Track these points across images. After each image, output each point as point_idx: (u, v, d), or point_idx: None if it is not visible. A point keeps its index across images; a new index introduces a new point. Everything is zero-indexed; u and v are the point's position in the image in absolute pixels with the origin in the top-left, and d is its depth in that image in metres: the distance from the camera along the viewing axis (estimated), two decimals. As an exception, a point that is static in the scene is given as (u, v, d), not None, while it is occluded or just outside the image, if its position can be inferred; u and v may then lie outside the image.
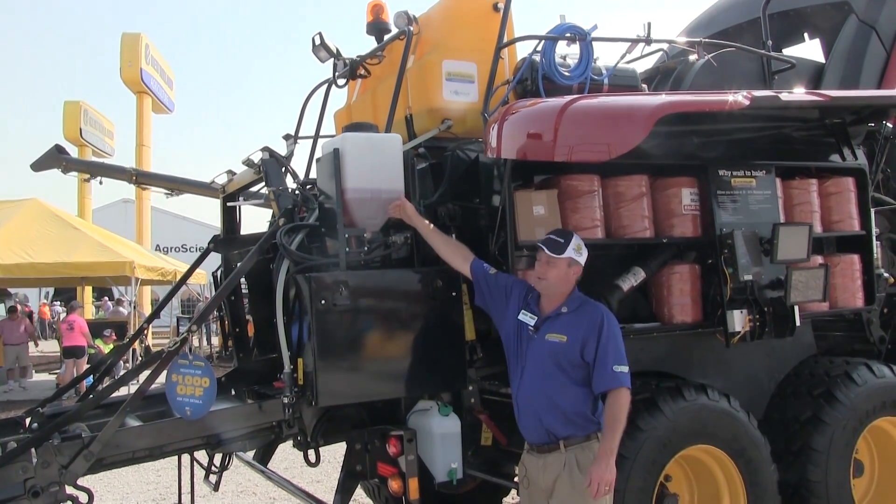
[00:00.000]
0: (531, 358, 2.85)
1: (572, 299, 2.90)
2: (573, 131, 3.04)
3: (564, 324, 2.83)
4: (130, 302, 12.74)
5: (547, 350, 2.80)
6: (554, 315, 2.86)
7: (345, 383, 3.11)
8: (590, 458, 2.74)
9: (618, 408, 2.71)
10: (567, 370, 2.78)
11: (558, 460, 2.78)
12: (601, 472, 2.62)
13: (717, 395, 3.48)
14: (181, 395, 3.11)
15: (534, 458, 2.86)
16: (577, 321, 2.82)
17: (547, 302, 2.92)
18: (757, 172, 3.83)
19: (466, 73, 3.77)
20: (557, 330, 2.82)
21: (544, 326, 2.86)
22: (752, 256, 3.59)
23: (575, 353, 2.78)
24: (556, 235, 2.91)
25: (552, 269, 2.85)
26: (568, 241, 2.87)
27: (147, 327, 5.52)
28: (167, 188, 6.90)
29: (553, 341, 2.81)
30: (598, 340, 2.78)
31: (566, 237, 2.90)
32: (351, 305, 3.06)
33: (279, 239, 3.21)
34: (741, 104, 3.17)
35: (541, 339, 2.84)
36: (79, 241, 11.69)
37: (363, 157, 3.19)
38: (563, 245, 2.85)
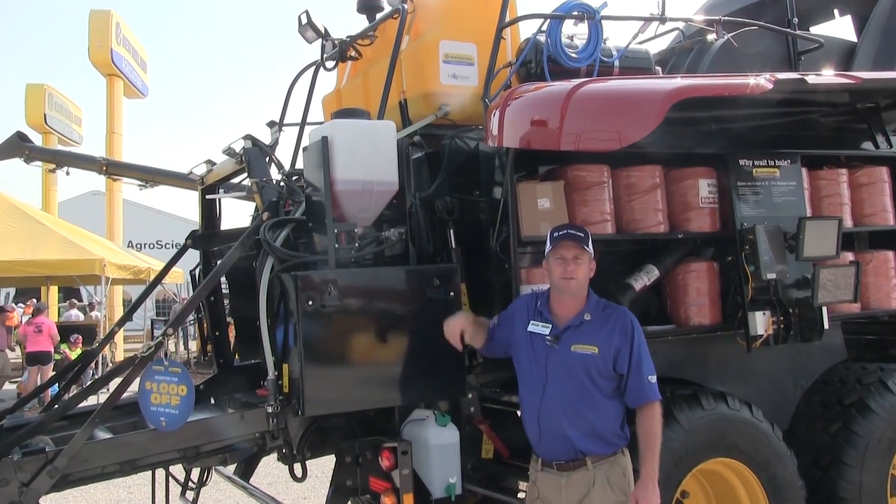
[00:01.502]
0: (554, 371, 2.80)
1: (592, 303, 2.87)
2: (581, 118, 3.07)
3: (591, 332, 2.79)
4: (100, 303, 12.75)
5: (575, 363, 2.77)
6: (576, 323, 2.82)
7: (334, 391, 3.13)
8: (619, 475, 2.76)
9: (655, 423, 2.72)
10: (598, 383, 2.76)
11: (584, 479, 2.76)
12: (648, 496, 2.62)
13: (738, 403, 3.50)
14: (156, 404, 3.11)
15: (552, 476, 2.82)
16: (606, 329, 2.79)
17: (563, 307, 2.87)
18: (781, 162, 3.86)
19: (465, 55, 3.80)
20: (584, 340, 2.78)
21: (566, 336, 2.81)
22: (775, 253, 3.62)
23: (607, 365, 2.75)
24: (572, 229, 2.87)
25: (581, 267, 2.81)
26: (587, 234, 2.86)
27: (118, 331, 5.53)
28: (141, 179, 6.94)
29: (582, 353, 2.77)
30: (632, 349, 2.76)
31: (582, 229, 2.88)
32: (340, 306, 3.08)
33: (263, 234, 3.22)
34: (764, 88, 3.20)
35: (565, 350, 2.79)
36: (43, 236, 11.70)
37: (354, 145, 3.21)
38: (584, 238, 2.83)
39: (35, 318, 12.12)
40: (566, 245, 2.81)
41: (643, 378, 2.75)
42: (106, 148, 18.04)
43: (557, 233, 2.86)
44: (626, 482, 2.79)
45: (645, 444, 2.71)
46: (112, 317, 14.41)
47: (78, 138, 20.28)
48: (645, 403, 2.76)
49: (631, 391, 2.76)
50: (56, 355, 12.06)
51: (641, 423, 2.75)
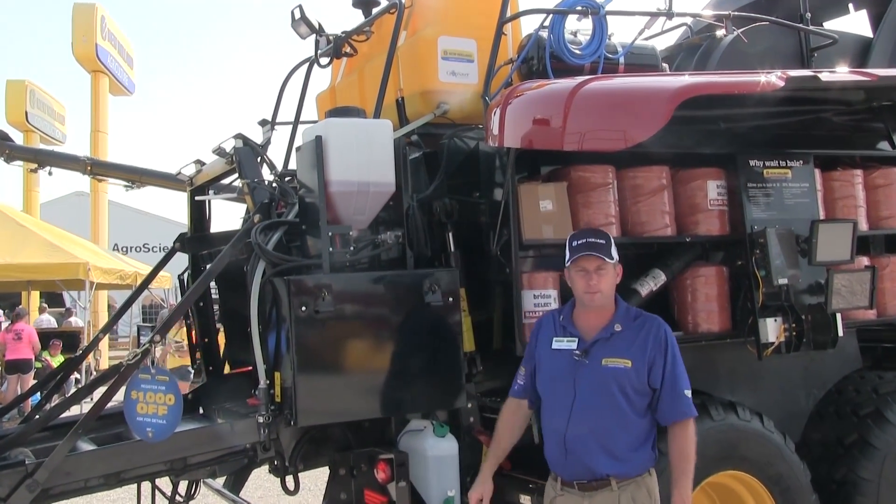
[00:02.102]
0: (583, 388, 2.72)
1: (622, 312, 2.80)
2: (585, 117, 3.09)
3: (623, 344, 2.72)
4: (84, 308, 12.76)
5: (608, 378, 2.69)
6: (605, 335, 2.75)
7: (328, 400, 3.14)
8: (645, 496, 2.71)
9: (689, 442, 2.67)
10: (632, 399, 2.70)
11: (609, 499, 2.71)
12: None
13: (749, 413, 3.52)
14: (142, 414, 3.13)
15: (572, 496, 2.76)
16: (638, 340, 2.73)
17: (590, 319, 2.81)
18: (793, 162, 3.88)
19: (465, 52, 3.82)
20: (616, 353, 2.71)
21: (595, 350, 2.73)
22: (787, 257, 3.64)
23: (642, 379, 2.69)
24: (591, 237, 2.79)
25: (605, 278, 2.75)
26: (608, 239, 2.79)
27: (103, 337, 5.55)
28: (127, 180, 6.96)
29: (615, 367, 2.69)
30: (665, 361, 2.70)
31: (603, 235, 2.81)
32: (335, 312, 3.09)
33: (254, 237, 3.24)
34: (775, 85, 3.22)
35: (595, 365, 2.71)
36: (25, 239, 11.71)
37: (349, 145, 3.23)
38: (606, 246, 2.76)
39: (14, 324, 12.08)
40: (587, 257, 2.75)
41: (678, 392, 2.69)
42: (90, 147, 18.07)
43: (576, 242, 2.78)
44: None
45: (678, 466, 2.65)
46: (96, 323, 14.43)
47: (61, 137, 20.31)
48: (680, 420, 2.70)
49: (664, 407, 2.69)
50: (37, 363, 12.05)
51: (675, 442, 2.69)
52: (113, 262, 13.10)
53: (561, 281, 3.51)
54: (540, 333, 2.91)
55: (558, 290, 3.47)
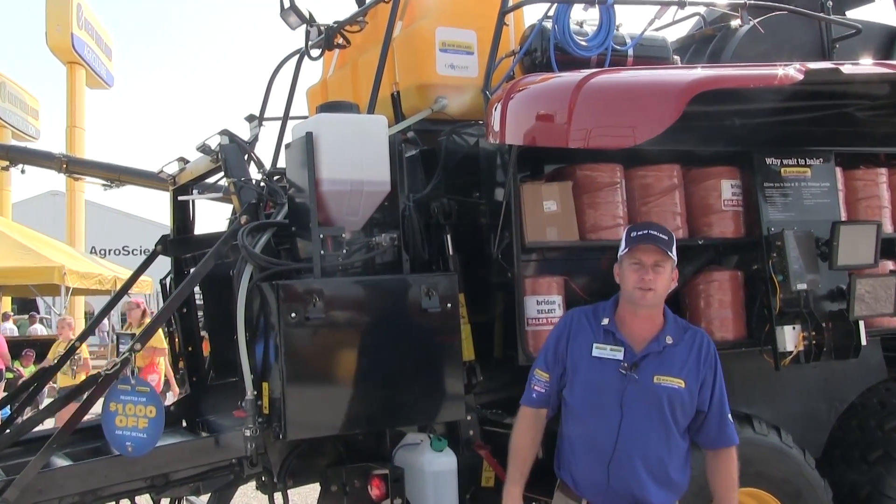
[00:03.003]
0: (633, 408, 2.57)
1: (671, 323, 2.68)
2: (591, 112, 3.12)
3: (675, 360, 2.60)
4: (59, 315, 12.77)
5: (661, 398, 2.57)
6: (657, 348, 2.60)
7: (319, 412, 3.16)
8: None
9: (735, 470, 2.64)
10: (679, 422, 2.61)
11: None
12: None
13: (765, 427, 3.55)
14: (121, 427, 3.14)
15: None
16: (690, 356, 2.62)
17: (638, 326, 2.65)
18: (813, 160, 3.91)
19: (464, 43, 3.85)
20: (669, 370, 2.59)
21: (646, 364, 2.59)
22: (806, 261, 3.66)
23: (693, 401, 2.60)
24: (654, 230, 2.63)
25: (661, 276, 2.60)
26: (671, 236, 2.65)
27: (79, 346, 5.57)
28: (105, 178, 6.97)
29: (669, 387, 2.57)
30: (715, 382, 2.64)
31: (667, 231, 2.67)
32: (326, 319, 3.12)
33: (241, 240, 3.26)
34: (794, 78, 3.25)
35: (647, 382, 2.57)
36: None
37: (341, 142, 3.26)
38: (669, 242, 2.61)
39: (-19, 332, 12.09)
40: (645, 249, 2.59)
41: (725, 417, 2.64)
42: (66, 143, 18.10)
43: (636, 233, 2.63)
44: None
45: (725, 495, 2.63)
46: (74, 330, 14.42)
47: (35, 132, 20.35)
48: (727, 447, 2.67)
49: (711, 432, 2.63)
50: (8, 374, 12.06)
51: (722, 469, 2.65)
52: (90, 266, 13.13)
53: (566, 286, 3.54)
54: (573, 334, 2.72)
55: (563, 296, 3.49)
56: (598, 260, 3.87)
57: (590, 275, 3.81)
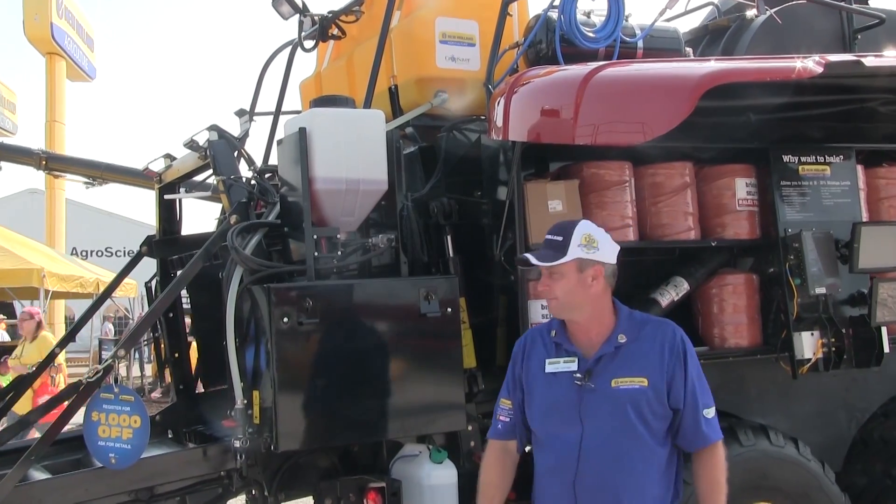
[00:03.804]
0: (593, 420, 2.47)
1: (624, 319, 2.56)
2: (599, 107, 3.14)
3: (632, 358, 2.49)
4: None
5: (622, 402, 2.45)
6: (610, 349, 2.50)
7: (312, 423, 3.17)
8: None
9: (720, 470, 2.51)
10: (652, 426, 2.47)
11: None
12: None
13: (782, 439, 3.57)
14: (104, 438, 3.15)
15: None
16: (653, 351, 2.50)
17: (584, 332, 2.56)
18: (832, 158, 3.93)
19: (466, 34, 3.87)
20: (627, 370, 2.47)
21: (601, 369, 2.49)
22: (825, 264, 3.68)
23: (662, 400, 2.46)
24: (552, 234, 2.58)
25: (558, 282, 2.51)
26: (568, 235, 2.51)
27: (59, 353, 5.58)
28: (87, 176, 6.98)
29: (629, 388, 2.45)
30: (686, 375, 2.48)
31: (565, 231, 2.54)
32: (320, 324, 3.13)
33: (230, 240, 3.26)
34: (813, 72, 3.26)
35: (604, 387, 2.47)
36: (-28, 242, 11.75)
37: (336, 138, 3.27)
38: (561, 244, 2.50)
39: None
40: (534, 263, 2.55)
41: (700, 413, 2.49)
42: (45, 139, 18.09)
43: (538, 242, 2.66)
44: None
45: (709, 498, 2.50)
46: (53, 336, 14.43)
47: (12, 127, 20.33)
48: (706, 446, 2.51)
49: (687, 431, 2.49)
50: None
51: (702, 471, 2.53)
52: (71, 268, 13.14)
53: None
54: (527, 355, 2.65)
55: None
56: (605, 262, 3.89)
57: (597, 278, 3.83)
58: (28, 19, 17.77)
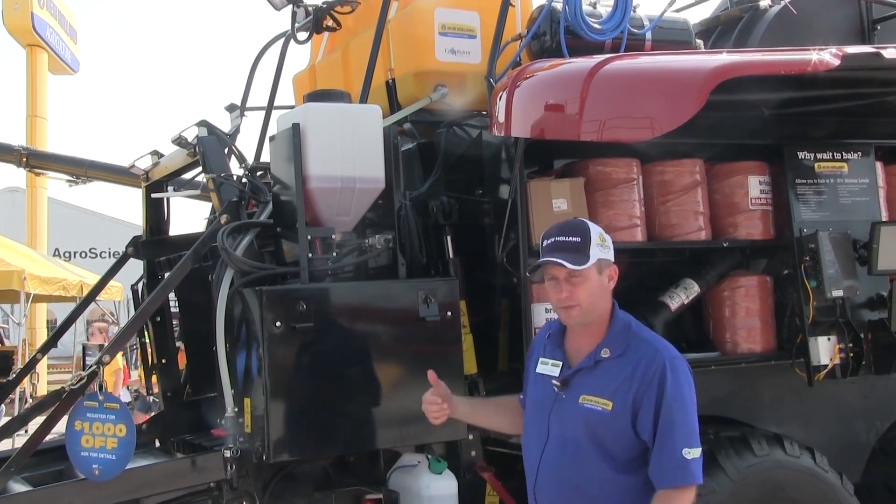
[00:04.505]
0: (556, 426, 2.46)
1: (616, 332, 2.46)
2: (605, 102, 3.15)
3: (607, 377, 2.39)
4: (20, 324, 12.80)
5: (582, 419, 2.39)
6: (590, 363, 2.43)
7: (306, 431, 3.19)
8: None
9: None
10: (609, 449, 2.37)
11: None
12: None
13: (798, 448, 3.57)
14: (87, 448, 3.16)
15: None
16: (625, 373, 2.37)
17: (576, 338, 2.52)
18: (850, 154, 3.95)
19: (466, 26, 3.88)
20: (596, 388, 2.39)
21: (576, 381, 2.44)
22: (842, 266, 3.70)
23: (624, 428, 2.34)
24: (563, 235, 2.46)
25: (581, 287, 2.40)
26: (586, 235, 2.44)
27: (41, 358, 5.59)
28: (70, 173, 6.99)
29: (591, 408, 2.38)
30: (658, 405, 2.31)
31: (579, 231, 2.46)
32: (314, 328, 3.14)
33: (221, 241, 3.28)
34: (830, 64, 3.27)
35: (572, 400, 2.42)
36: (-51, 243, 11.76)
37: (331, 134, 3.29)
38: (581, 245, 2.42)
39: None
40: (555, 265, 2.42)
41: (675, 451, 2.29)
42: (26, 135, 18.11)
43: (546, 241, 2.49)
44: None
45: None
46: (33, 342, 14.45)
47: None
48: (669, 488, 2.31)
49: (654, 466, 2.32)
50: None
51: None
52: (53, 270, 13.13)
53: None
54: (533, 352, 2.68)
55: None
56: (612, 264, 3.90)
57: (604, 280, 3.83)
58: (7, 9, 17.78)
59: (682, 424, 2.32)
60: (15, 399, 11.52)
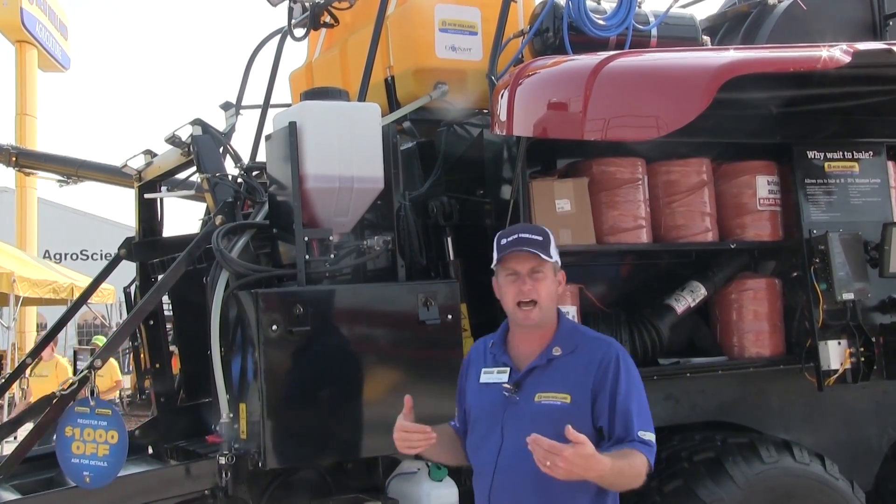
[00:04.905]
0: (512, 429, 2.48)
1: (564, 332, 2.56)
2: (610, 100, 3.15)
3: (562, 373, 2.48)
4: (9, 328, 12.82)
5: (541, 419, 2.44)
6: (542, 362, 2.51)
7: (303, 438, 3.19)
8: None
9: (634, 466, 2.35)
10: None
11: None
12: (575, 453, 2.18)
13: (807, 455, 3.57)
14: (78, 455, 3.16)
15: None
16: (580, 366, 2.47)
17: (525, 343, 2.58)
18: (861, 153, 3.96)
19: (467, 22, 3.89)
20: (552, 385, 2.47)
21: (529, 382, 2.50)
22: (853, 268, 3.70)
23: (585, 420, 2.42)
24: (525, 232, 2.56)
25: (543, 283, 2.50)
26: (546, 235, 2.55)
27: (31, 363, 5.61)
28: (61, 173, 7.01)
29: (550, 404, 2.45)
30: (615, 393, 2.42)
31: (540, 231, 2.57)
32: (311, 332, 3.14)
33: (215, 243, 3.29)
34: (840, 61, 3.26)
35: (527, 401, 2.48)
36: (-64, 245, 11.76)
37: (328, 133, 3.29)
38: (543, 242, 2.52)
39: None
40: (517, 256, 2.51)
41: (634, 432, 2.39)
42: (15, 133, 18.11)
43: (505, 239, 2.56)
44: None
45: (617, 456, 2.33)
46: (23, 346, 14.46)
47: (-21, 121, 20.35)
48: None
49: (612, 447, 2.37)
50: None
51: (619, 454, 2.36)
52: (44, 273, 13.14)
53: (580, 296, 3.57)
54: (471, 367, 2.70)
55: (577, 307, 3.53)
56: (617, 266, 3.91)
57: (608, 283, 3.85)
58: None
59: (638, 408, 2.44)
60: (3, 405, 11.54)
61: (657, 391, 3.67)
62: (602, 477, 2.28)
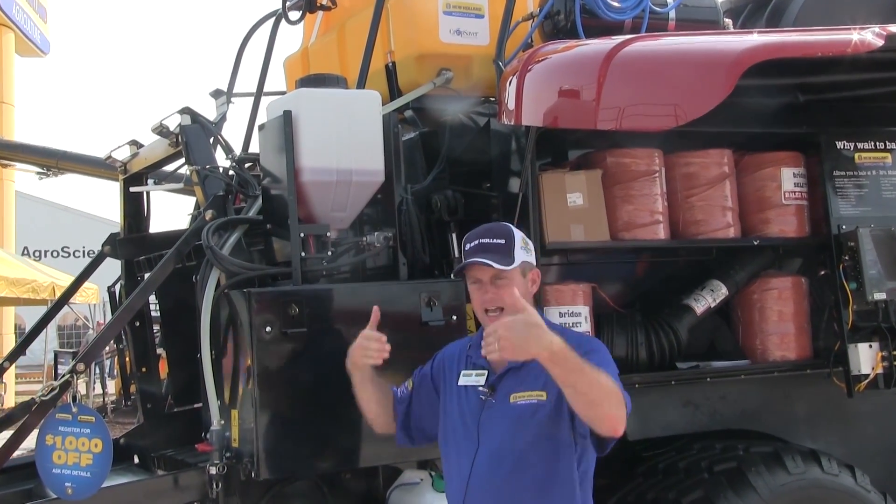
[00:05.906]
0: (489, 432, 2.57)
1: None
2: (625, 88, 3.16)
3: (534, 373, 2.50)
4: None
5: (518, 419, 2.53)
6: (517, 363, 2.55)
7: (298, 447, 3.20)
8: None
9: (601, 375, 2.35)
10: (557, 444, 2.51)
11: None
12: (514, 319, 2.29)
13: (836, 466, 3.57)
14: (59, 465, 3.16)
15: None
16: None
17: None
18: (894, 144, 3.96)
19: (473, 5, 3.89)
20: (528, 384, 2.54)
21: (504, 383, 2.59)
22: (885, 266, 3.71)
23: (562, 415, 2.49)
24: (487, 237, 2.63)
25: (507, 289, 2.53)
26: (510, 237, 2.62)
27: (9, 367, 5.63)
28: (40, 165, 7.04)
29: (527, 403, 2.53)
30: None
31: (503, 233, 2.64)
32: (308, 334, 3.15)
33: (206, 239, 3.29)
34: (872, 45, 3.28)
35: (502, 403, 2.57)
36: None
37: (325, 122, 3.30)
38: (505, 247, 2.60)
39: None
40: (475, 266, 2.60)
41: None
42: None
43: (468, 245, 2.65)
44: None
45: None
46: (0, 349, 14.51)
47: (-45, 109, 20.42)
48: None
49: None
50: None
51: None
52: (22, 271, 13.19)
53: (594, 295, 3.58)
54: (447, 362, 2.81)
55: (590, 307, 3.54)
56: (632, 264, 3.91)
57: (622, 282, 3.86)
58: (-30, -13, 17.82)
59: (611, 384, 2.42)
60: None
61: (675, 397, 3.70)
62: (553, 355, 2.28)
